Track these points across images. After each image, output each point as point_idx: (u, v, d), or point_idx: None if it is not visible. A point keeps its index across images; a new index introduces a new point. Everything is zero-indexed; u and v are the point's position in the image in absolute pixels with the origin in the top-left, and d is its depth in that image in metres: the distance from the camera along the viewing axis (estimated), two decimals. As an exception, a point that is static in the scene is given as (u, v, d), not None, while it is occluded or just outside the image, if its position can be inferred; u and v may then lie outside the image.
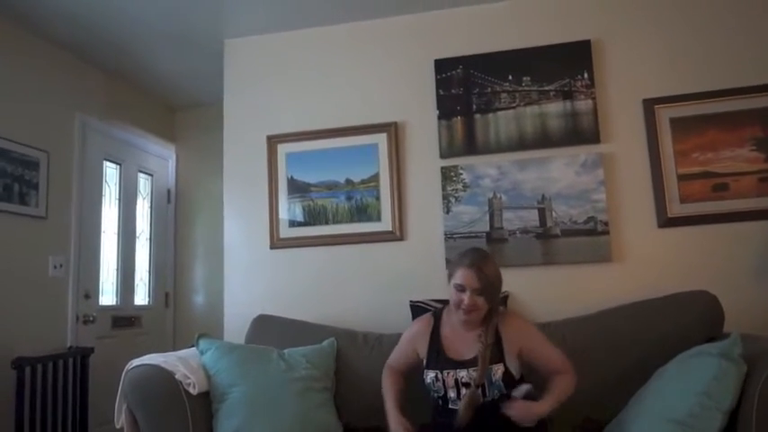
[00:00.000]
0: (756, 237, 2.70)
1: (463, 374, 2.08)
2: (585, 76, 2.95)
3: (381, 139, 3.16)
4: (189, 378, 2.30)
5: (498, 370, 2.06)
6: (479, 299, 2.06)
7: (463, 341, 2.15)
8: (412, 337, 2.30)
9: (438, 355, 2.16)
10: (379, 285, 3.05)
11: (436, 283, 2.91)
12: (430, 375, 2.14)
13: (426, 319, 2.31)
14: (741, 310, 2.52)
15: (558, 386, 2.04)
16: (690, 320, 2.39)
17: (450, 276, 2.15)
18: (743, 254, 2.71)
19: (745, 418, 1.80)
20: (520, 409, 1.95)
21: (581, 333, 2.50)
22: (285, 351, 2.55)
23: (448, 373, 2.10)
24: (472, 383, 2.04)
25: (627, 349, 2.40)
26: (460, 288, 2.07)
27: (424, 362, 2.20)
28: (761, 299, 2.64)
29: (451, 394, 2.09)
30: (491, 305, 2.11)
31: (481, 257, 2.12)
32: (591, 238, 2.84)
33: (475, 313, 2.08)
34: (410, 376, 2.30)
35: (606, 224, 2.83)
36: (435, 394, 2.13)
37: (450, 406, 2.09)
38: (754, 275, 2.68)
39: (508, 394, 2.06)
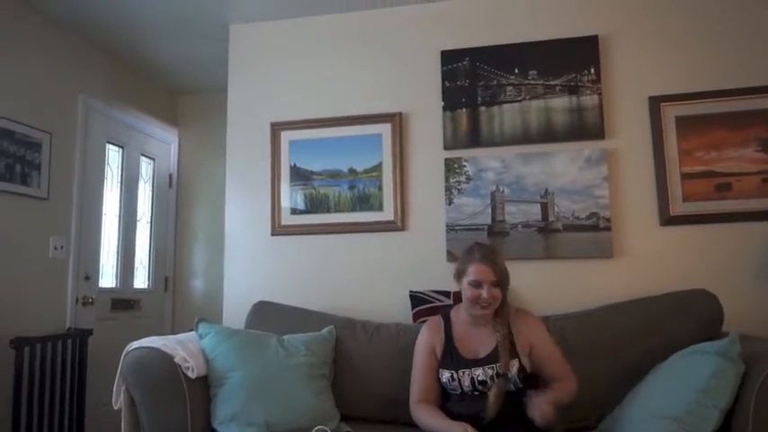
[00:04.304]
0: (758, 237, 2.70)
1: (479, 372, 2.10)
2: (592, 71, 2.94)
3: (386, 129, 3.15)
4: (188, 362, 2.30)
5: (514, 365, 2.09)
6: (496, 290, 2.10)
7: (476, 339, 2.17)
8: (428, 340, 2.25)
9: (452, 355, 2.17)
10: (380, 275, 3.05)
11: (436, 274, 2.92)
12: (445, 375, 2.15)
13: (436, 321, 2.31)
14: (741, 310, 2.52)
15: (561, 388, 2.07)
16: (688, 319, 2.40)
17: (460, 274, 2.16)
18: (744, 254, 2.71)
19: (741, 417, 1.80)
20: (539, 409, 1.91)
21: (580, 328, 2.50)
22: (284, 337, 2.56)
23: (464, 373, 2.11)
24: (494, 376, 2.06)
25: (625, 345, 2.40)
26: (476, 284, 2.09)
27: (440, 362, 2.19)
28: (761, 300, 2.65)
29: (467, 390, 2.11)
30: (504, 296, 2.15)
31: (490, 250, 2.18)
32: (593, 233, 2.84)
33: (492, 306, 2.11)
34: (439, 394, 2.21)
35: (608, 220, 2.83)
36: (452, 392, 2.15)
37: (467, 400, 2.10)
38: (755, 276, 2.68)
39: (524, 388, 2.08)
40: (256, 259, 3.24)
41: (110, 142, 4.12)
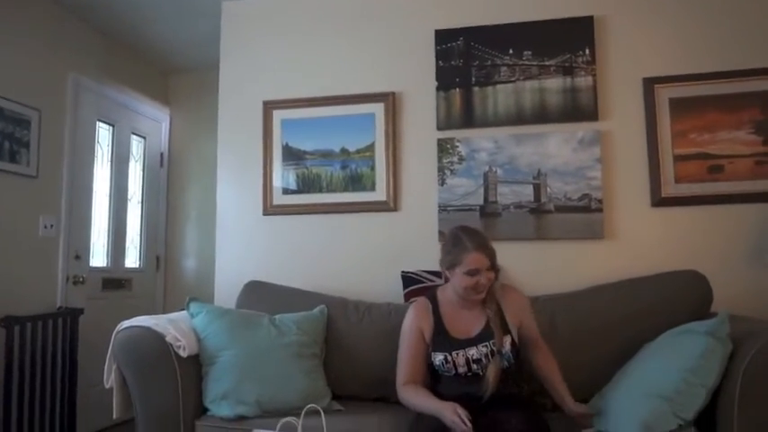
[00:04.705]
0: (749, 219, 2.71)
1: (473, 352, 2.10)
2: (587, 52, 2.92)
3: (378, 109, 3.13)
4: (179, 341, 2.31)
5: (506, 341, 2.10)
6: (491, 274, 2.11)
7: (465, 319, 2.18)
8: (414, 322, 2.23)
9: (444, 337, 2.17)
10: (372, 255, 3.05)
11: (428, 254, 2.90)
12: (438, 358, 2.14)
13: (423, 303, 2.29)
14: (730, 290, 2.54)
15: (558, 375, 2.11)
16: (678, 299, 2.41)
17: (452, 265, 2.13)
18: (735, 236, 2.72)
19: (727, 396, 1.82)
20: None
21: (571, 308, 2.51)
22: (276, 317, 2.56)
23: (457, 354, 2.12)
24: (490, 353, 2.08)
25: (615, 325, 2.42)
26: (475, 272, 2.08)
27: (430, 345, 2.19)
28: (750, 281, 2.66)
29: (462, 371, 2.11)
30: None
31: (479, 236, 2.16)
32: (584, 215, 2.84)
33: (487, 289, 2.13)
34: (426, 376, 2.21)
35: (600, 202, 2.83)
36: (445, 373, 2.15)
37: (461, 381, 2.11)
38: (745, 257, 2.69)
39: (517, 364, 2.12)
40: (248, 239, 3.23)
41: (100, 120, 4.08)
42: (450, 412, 1.88)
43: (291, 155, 3.22)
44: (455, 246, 2.13)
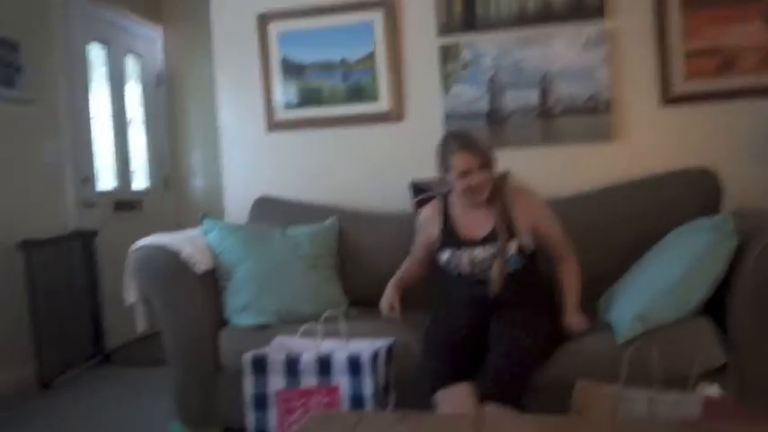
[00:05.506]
0: (761, 114, 2.66)
1: (478, 251, 2.12)
2: (594, -57, 2.79)
3: (376, 17, 3.02)
4: (194, 257, 2.35)
5: (512, 246, 2.10)
6: (484, 173, 2.07)
7: (474, 221, 2.17)
8: (422, 224, 2.31)
9: (451, 237, 2.19)
10: (379, 166, 3.04)
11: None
12: (444, 256, 2.18)
13: (433, 204, 2.33)
14: (742, 187, 2.53)
15: (573, 286, 2.14)
16: (689, 197, 2.41)
17: (446, 169, 2.13)
18: (746, 132, 2.68)
19: (738, 286, 1.87)
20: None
21: (580, 211, 2.52)
22: (288, 230, 2.60)
23: (462, 253, 2.14)
24: (494, 256, 2.09)
25: (626, 226, 2.44)
26: (465, 173, 2.06)
27: (438, 244, 2.22)
28: (762, 176, 2.64)
29: (465, 271, 2.14)
30: (493, 173, 2.13)
31: (466, 136, 2.15)
32: (592, 117, 2.80)
33: (486, 188, 2.10)
34: (429, 263, 2.31)
35: (608, 103, 2.79)
36: (452, 273, 2.19)
37: (465, 283, 2.15)
38: (757, 153, 2.66)
39: (525, 267, 2.12)
40: (253, 156, 3.21)
41: (93, 40, 3.97)
42: (384, 299, 2.18)
43: (291, 69, 3.14)
44: (443, 149, 2.15)
